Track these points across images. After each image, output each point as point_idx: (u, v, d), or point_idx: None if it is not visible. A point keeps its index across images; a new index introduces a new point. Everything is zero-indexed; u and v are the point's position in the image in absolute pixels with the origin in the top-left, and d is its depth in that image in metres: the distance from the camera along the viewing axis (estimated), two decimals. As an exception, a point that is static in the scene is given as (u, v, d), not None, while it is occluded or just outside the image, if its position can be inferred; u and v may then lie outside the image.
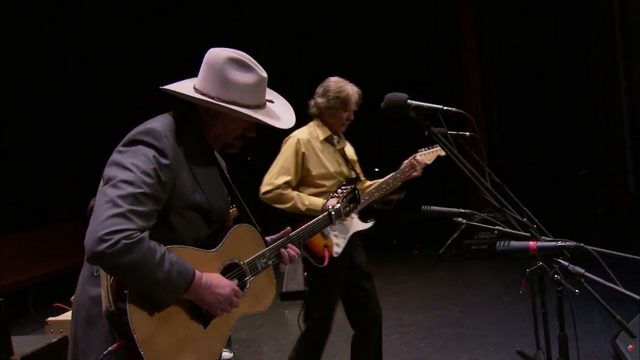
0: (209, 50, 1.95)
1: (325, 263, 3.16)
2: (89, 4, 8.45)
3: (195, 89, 1.92)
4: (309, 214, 3.09)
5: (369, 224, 3.44)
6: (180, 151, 1.82)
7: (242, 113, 1.87)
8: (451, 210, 2.56)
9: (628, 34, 8.21)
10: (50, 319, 3.80)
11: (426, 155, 3.49)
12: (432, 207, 2.68)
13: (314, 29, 8.87)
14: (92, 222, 1.60)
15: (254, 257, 1.99)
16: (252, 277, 1.96)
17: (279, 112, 2.02)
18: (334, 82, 3.34)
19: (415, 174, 3.46)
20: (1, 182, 6.77)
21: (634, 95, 8.30)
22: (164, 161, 1.74)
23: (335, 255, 3.23)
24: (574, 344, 2.08)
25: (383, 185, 3.46)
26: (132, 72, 8.74)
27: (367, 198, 3.41)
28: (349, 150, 3.55)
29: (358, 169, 3.52)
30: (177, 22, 9.00)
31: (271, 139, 2.37)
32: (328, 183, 3.32)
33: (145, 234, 1.63)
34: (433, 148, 3.50)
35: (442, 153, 3.50)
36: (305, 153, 3.28)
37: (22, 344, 3.09)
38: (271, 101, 2.01)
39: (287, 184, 3.26)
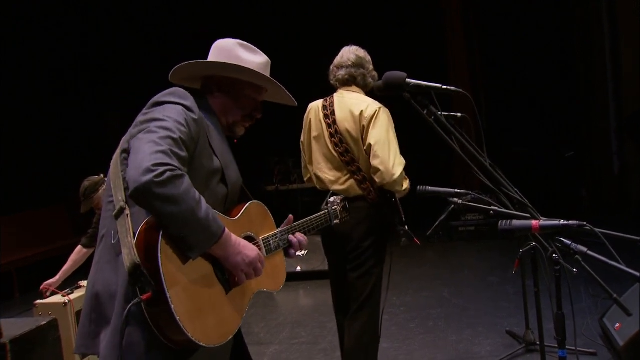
0: (217, 41, 1.99)
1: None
2: (88, 3, 8.34)
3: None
4: (402, 195, 2.89)
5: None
6: (200, 119, 1.81)
7: (261, 74, 1.91)
8: (447, 191, 2.57)
9: (615, 16, 8.22)
10: (38, 301, 3.74)
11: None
12: (427, 187, 2.68)
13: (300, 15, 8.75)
14: (133, 160, 1.58)
15: (268, 235, 1.99)
16: (267, 254, 1.96)
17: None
18: (364, 52, 2.99)
19: None
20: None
21: (619, 78, 8.33)
22: (193, 115, 1.75)
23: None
24: (567, 321, 2.10)
25: None
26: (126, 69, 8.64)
27: None
28: None
29: None
30: (177, 23, 8.88)
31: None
32: None
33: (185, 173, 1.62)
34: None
35: None
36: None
37: (11, 326, 3.04)
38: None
39: None
